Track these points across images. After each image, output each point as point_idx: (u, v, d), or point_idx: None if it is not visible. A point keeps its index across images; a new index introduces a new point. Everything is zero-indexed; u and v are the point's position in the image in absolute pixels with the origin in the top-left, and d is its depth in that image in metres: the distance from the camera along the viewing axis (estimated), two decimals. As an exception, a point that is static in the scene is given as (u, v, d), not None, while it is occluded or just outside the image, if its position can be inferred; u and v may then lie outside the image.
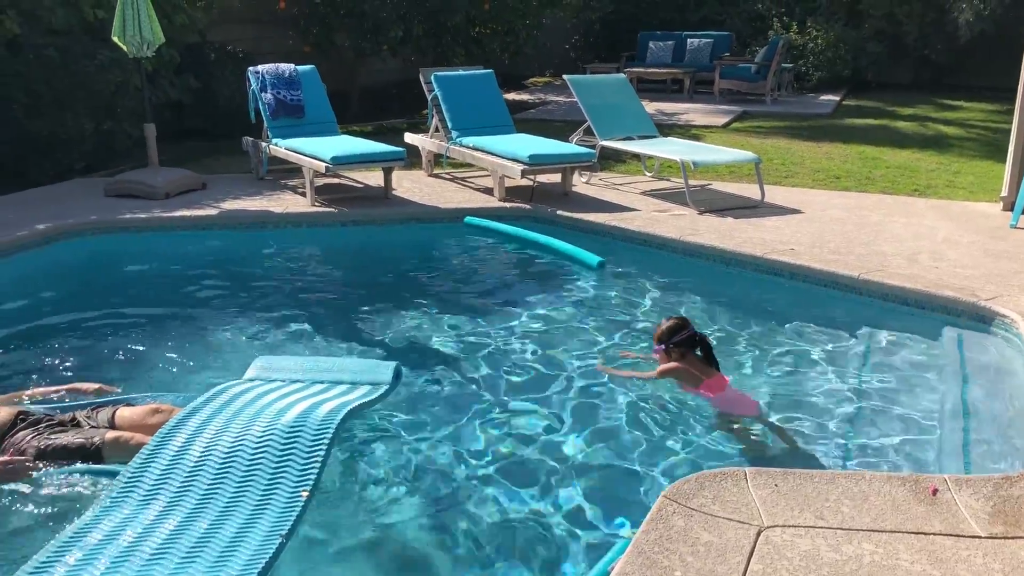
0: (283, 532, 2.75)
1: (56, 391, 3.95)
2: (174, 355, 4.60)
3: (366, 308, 5.35)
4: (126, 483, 3.02)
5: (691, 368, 4.04)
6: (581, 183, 8.11)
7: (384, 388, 3.70)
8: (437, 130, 8.54)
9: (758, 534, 2.57)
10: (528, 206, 7.25)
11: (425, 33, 12.65)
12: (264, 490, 2.95)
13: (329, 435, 3.16)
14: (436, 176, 8.57)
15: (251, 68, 8.14)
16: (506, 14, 13.42)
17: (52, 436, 3.37)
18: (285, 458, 3.07)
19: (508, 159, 7.36)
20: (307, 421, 3.24)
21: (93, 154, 8.60)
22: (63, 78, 8.09)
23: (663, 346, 4.10)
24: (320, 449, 3.10)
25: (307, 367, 3.90)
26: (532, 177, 7.61)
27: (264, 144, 8.00)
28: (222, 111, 10.17)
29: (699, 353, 4.12)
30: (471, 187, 8.06)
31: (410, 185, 8.04)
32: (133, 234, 6.68)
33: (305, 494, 2.91)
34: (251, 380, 3.83)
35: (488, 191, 7.77)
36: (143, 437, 3.30)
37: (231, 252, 6.51)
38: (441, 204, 7.34)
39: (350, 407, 3.40)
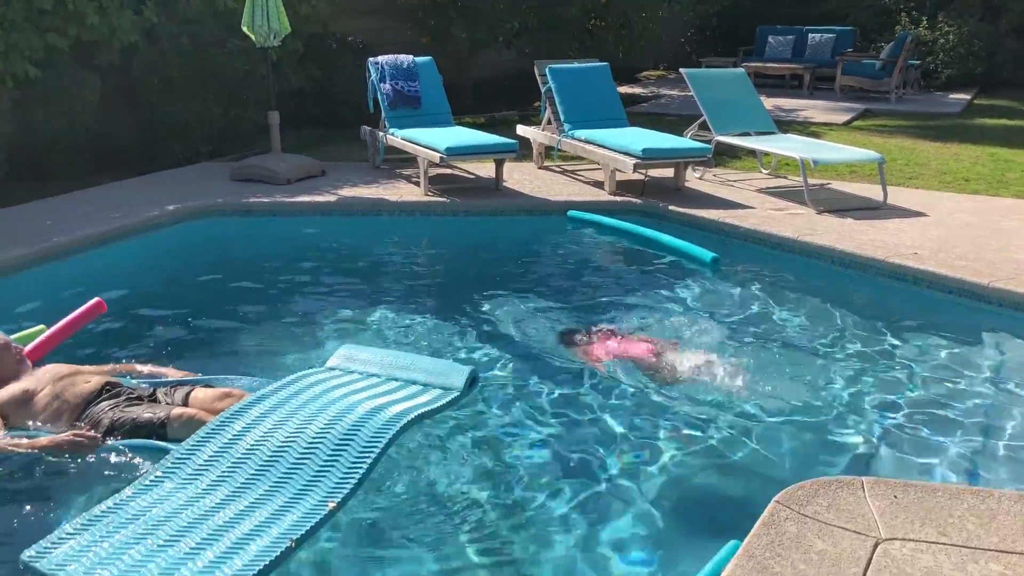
0: (294, 537, 2.66)
1: (147, 369, 4.09)
2: (275, 338, 4.75)
3: (469, 300, 5.36)
4: (171, 463, 3.05)
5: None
6: (694, 178, 7.98)
7: (454, 395, 3.57)
8: (549, 122, 8.55)
9: (875, 546, 2.49)
10: (639, 200, 7.18)
11: (540, 25, 12.67)
12: (297, 492, 2.90)
13: (375, 451, 3.04)
14: (546, 168, 8.58)
15: (371, 59, 8.32)
16: (623, 6, 13.30)
17: (127, 409, 3.47)
18: (328, 464, 3.00)
19: (620, 153, 7.30)
20: (360, 431, 3.13)
21: (219, 139, 8.97)
22: (194, 65, 8.46)
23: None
24: (362, 465, 2.98)
25: (385, 362, 3.83)
26: (644, 171, 7.53)
27: (381, 134, 8.18)
28: (341, 100, 10.44)
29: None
30: (581, 180, 8.04)
31: (520, 177, 8.08)
32: (256, 217, 6.95)
33: (332, 505, 2.82)
34: (330, 370, 3.81)
35: (599, 184, 7.73)
36: (206, 417, 3.34)
37: (346, 238, 6.69)
38: (551, 197, 7.35)
39: (406, 419, 3.25)
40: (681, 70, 8.72)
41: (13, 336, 4.15)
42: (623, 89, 14.32)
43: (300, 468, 2.99)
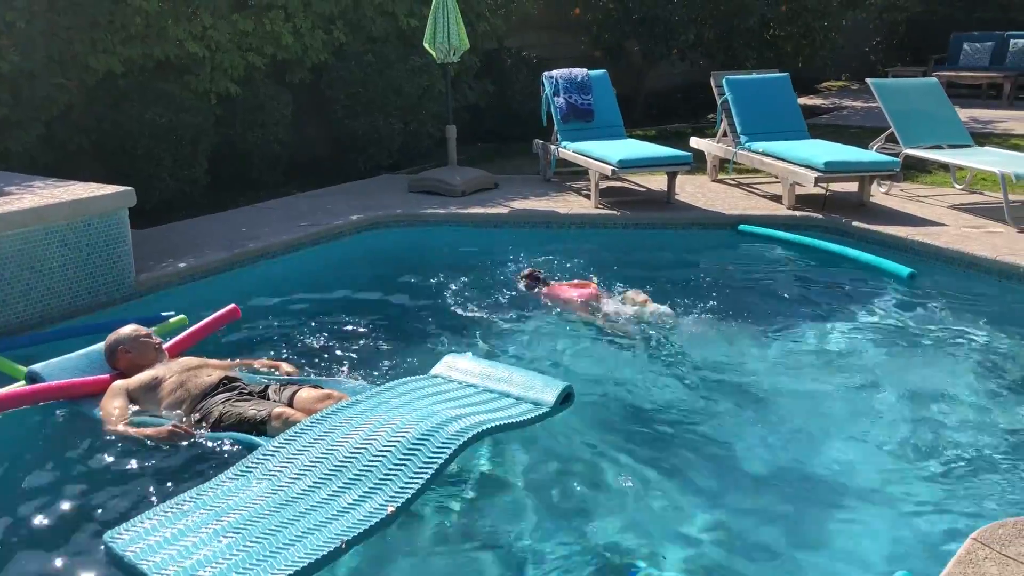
0: (346, 539, 2.70)
1: (265, 364, 4.29)
2: (411, 345, 4.80)
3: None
4: (255, 459, 3.16)
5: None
6: (880, 193, 7.58)
7: (543, 410, 3.57)
8: (725, 135, 8.36)
9: (1092, 597, 2.25)
10: (820, 215, 6.88)
11: (717, 37, 12.44)
12: (362, 494, 2.94)
13: (440, 461, 3.06)
14: (720, 182, 8.39)
15: (546, 73, 8.42)
16: (804, 16, 12.86)
17: (236, 404, 3.63)
18: (395, 470, 3.03)
19: (801, 165, 7.03)
20: (429, 440, 3.15)
21: (399, 152, 9.33)
22: (378, 82, 8.84)
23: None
24: (425, 473, 3.00)
25: (484, 372, 3.88)
26: (824, 185, 7.22)
27: (553, 147, 8.25)
28: (514, 114, 10.62)
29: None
30: (757, 194, 7.80)
31: (693, 190, 7.93)
32: (432, 227, 7.16)
33: (391, 510, 2.84)
34: (431, 378, 3.89)
35: (775, 198, 7.47)
36: (301, 417, 3.43)
37: (516, 250, 6.71)
38: (725, 210, 7.17)
39: (476, 431, 3.26)
40: (867, 80, 8.31)
41: (155, 328, 4.49)
42: (802, 100, 13.81)
43: (369, 472, 3.05)
